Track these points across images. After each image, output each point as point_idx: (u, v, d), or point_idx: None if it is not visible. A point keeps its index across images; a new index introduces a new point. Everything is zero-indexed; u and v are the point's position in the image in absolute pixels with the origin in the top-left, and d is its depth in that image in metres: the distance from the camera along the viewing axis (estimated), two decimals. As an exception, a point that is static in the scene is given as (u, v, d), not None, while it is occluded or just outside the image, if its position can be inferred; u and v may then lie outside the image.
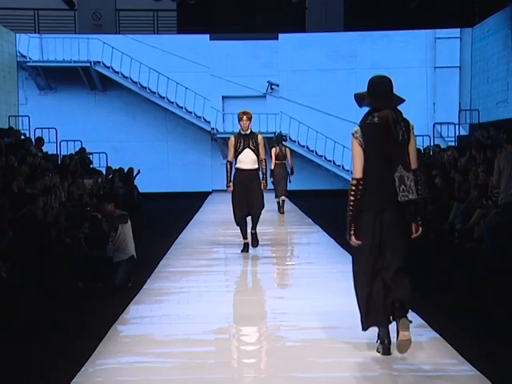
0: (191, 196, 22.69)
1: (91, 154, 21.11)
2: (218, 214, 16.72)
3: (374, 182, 5.08)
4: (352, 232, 5.11)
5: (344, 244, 11.32)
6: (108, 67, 24.27)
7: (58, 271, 9.69)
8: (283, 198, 16.69)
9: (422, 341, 5.80)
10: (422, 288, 8.03)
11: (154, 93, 24.46)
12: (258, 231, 10.90)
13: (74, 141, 22.34)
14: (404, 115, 5.27)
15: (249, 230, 10.76)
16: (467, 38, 24.17)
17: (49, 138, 21.41)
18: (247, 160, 10.36)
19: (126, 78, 24.33)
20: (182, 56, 24.54)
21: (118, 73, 24.29)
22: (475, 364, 5.14)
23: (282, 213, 16.66)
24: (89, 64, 24.18)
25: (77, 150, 20.85)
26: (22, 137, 19.41)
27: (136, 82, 24.36)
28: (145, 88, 24.41)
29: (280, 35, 24.44)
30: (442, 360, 5.32)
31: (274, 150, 16.61)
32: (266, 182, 10.67)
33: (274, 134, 22.15)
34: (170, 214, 17.60)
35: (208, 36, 24.41)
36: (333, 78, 24.48)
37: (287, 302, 7.51)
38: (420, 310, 6.65)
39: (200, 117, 24.75)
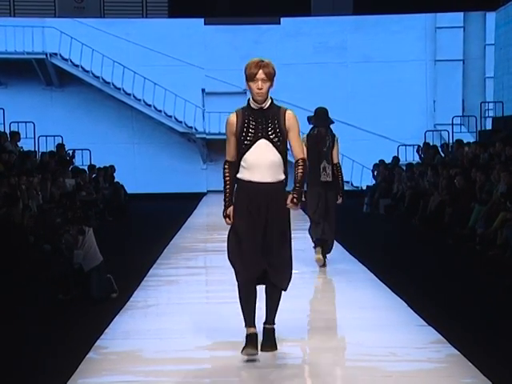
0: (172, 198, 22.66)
1: (74, 151, 20.94)
2: (211, 216, 16.74)
3: (312, 168, 9.20)
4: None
5: (351, 249, 11.35)
6: (66, 60, 23.76)
7: (36, 281, 9.68)
8: None
9: (440, 358, 5.81)
10: (440, 299, 8.05)
11: (119, 89, 23.96)
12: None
13: (54, 136, 22.14)
14: (333, 131, 9.75)
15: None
16: (472, 27, 23.98)
17: (26, 133, 21.24)
18: (263, 163, 5.80)
19: (87, 72, 23.81)
20: (151, 47, 23.93)
21: (77, 66, 23.78)
22: None
23: None
24: (44, 56, 23.64)
25: (53, 147, 20.63)
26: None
27: (98, 77, 23.85)
28: (108, 83, 23.87)
29: (261, 24, 24.27)
30: (462, 379, 5.33)
31: None
32: (298, 197, 5.83)
33: None
34: (159, 217, 17.60)
35: (183, 22, 23.98)
36: (320, 73, 24.12)
37: (288, 314, 7.50)
38: (437, 324, 6.66)
39: (171, 116, 24.17)
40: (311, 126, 9.78)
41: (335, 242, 12.28)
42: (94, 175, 19.27)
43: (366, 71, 23.91)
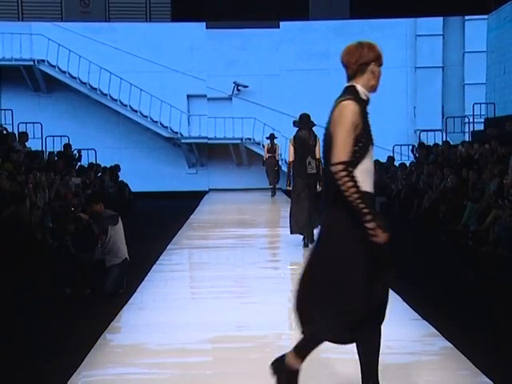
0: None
1: (80, 150, 20.87)
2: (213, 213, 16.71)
3: (298, 164, 11.13)
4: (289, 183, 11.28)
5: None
6: (54, 66, 23.54)
7: (44, 276, 9.69)
8: (272, 186, 21.73)
9: (434, 350, 5.81)
10: (433, 294, 8.05)
11: (106, 95, 23.74)
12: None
13: (61, 136, 22.10)
14: (315, 132, 11.16)
15: None
16: (451, 35, 23.97)
17: (33, 133, 21.21)
18: (373, 169, 4.43)
19: (74, 78, 23.58)
20: (137, 54, 23.69)
21: (64, 72, 23.56)
22: (490, 375, 5.15)
23: (273, 195, 21.57)
24: (32, 63, 23.41)
25: (59, 147, 20.55)
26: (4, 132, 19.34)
27: (85, 83, 23.63)
28: (95, 89, 23.67)
29: (247, 31, 24.15)
30: (456, 371, 5.33)
31: (266, 145, 21.97)
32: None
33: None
34: (161, 215, 17.59)
35: (168, 28, 23.88)
36: (303, 79, 24.03)
37: (288, 309, 7.51)
38: (431, 318, 6.66)
39: (157, 121, 23.91)
40: (297, 128, 11.41)
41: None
42: (99, 174, 19.25)
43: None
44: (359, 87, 4.46)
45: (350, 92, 4.40)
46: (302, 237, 11.48)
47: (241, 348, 6.06)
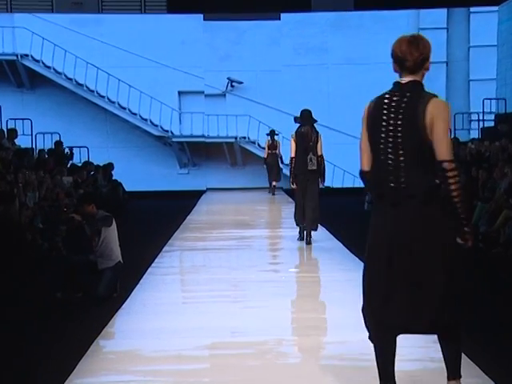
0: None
1: (72, 148, 20.83)
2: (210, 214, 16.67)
3: (299, 159, 11.64)
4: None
5: (351, 246, 11.34)
6: (38, 61, 23.37)
7: (34, 278, 9.68)
8: (274, 183, 21.96)
9: (441, 357, 5.78)
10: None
11: (93, 91, 23.59)
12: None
13: (52, 133, 22.02)
14: (316, 129, 11.84)
15: None
16: (456, 28, 23.89)
17: (23, 130, 21.13)
18: None
19: (60, 73, 23.44)
20: (125, 48, 23.56)
21: (49, 68, 23.41)
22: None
23: (274, 194, 21.74)
24: (15, 57, 23.25)
25: (50, 144, 20.47)
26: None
27: (71, 79, 23.48)
28: (81, 85, 23.52)
29: (242, 24, 24.09)
30: (465, 379, 5.31)
31: (267, 141, 22.06)
32: None
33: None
34: (156, 215, 17.59)
35: (158, 21, 23.77)
36: (301, 75, 23.90)
37: (288, 314, 7.50)
38: (439, 323, 6.64)
39: (146, 119, 23.79)
40: (298, 124, 11.81)
41: (334, 238, 12.37)
42: (91, 173, 19.23)
43: (347, 73, 23.64)
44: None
45: (423, 88, 4.38)
46: (301, 236, 12.03)
47: (239, 354, 6.05)
